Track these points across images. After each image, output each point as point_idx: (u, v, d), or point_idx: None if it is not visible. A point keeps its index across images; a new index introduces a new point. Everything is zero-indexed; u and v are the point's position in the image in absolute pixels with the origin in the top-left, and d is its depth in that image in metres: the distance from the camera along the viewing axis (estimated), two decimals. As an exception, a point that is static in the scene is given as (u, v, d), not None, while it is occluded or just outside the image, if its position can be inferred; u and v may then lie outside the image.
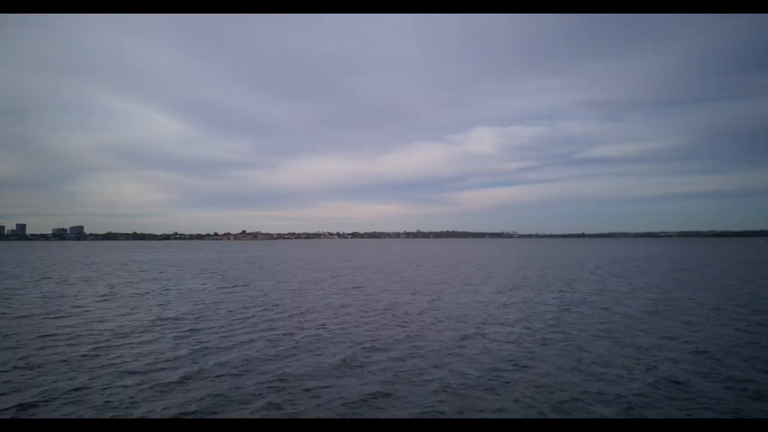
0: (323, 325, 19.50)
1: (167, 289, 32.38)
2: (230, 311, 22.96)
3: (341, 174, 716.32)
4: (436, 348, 15.63)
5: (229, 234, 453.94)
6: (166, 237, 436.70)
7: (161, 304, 25.26)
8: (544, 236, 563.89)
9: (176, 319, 20.79)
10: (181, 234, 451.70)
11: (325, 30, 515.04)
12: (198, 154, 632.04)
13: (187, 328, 18.80)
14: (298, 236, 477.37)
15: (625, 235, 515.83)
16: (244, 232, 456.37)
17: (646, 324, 19.34)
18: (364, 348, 15.65)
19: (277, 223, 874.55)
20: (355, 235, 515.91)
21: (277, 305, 24.80)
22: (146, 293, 30.29)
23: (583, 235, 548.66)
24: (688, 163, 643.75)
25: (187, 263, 63.82)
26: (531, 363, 13.77)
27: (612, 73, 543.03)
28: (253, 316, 21.61)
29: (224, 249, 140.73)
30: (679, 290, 30.36)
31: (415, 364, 13.75)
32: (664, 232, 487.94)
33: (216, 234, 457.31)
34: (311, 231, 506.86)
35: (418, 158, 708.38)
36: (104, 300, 27.12)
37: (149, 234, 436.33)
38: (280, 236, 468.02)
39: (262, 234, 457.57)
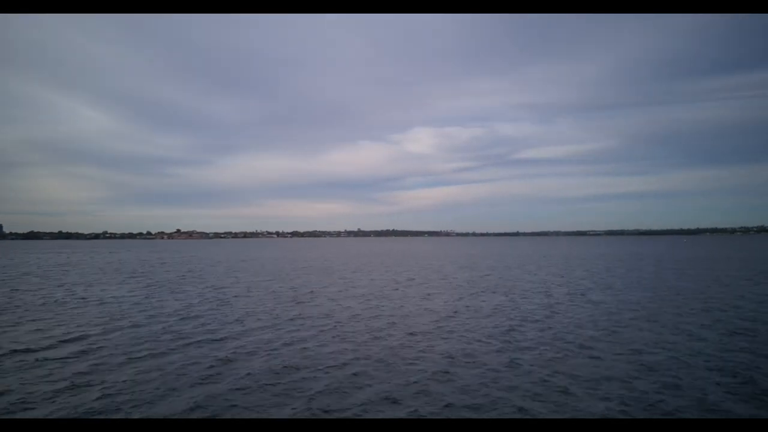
0: (266, 343, 16.04)
1: (80, 298, 27.64)
2: (150, 332, 18.99)
3: (281, 172, 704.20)
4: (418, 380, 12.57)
5: (162, 233, 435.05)
6: (95, 236, 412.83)
7: (65, 319, 20.81)
8: (481, 235, 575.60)
9: (79, 339, 16.67)
10: (111, 233, 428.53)
11: (267, 27, 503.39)
12: (130, 150, 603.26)
13: (87, 361, 14.81)
14: (235, 235, 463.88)
15: (557, 233, 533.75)
16: (178, 231, 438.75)
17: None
18: (325, 386, 12.35)
19: (214, 221, 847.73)
20: (295, 234, 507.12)
21: (207, 319, 20.99)
22: (51, 303, 25.55)
23: (517, 234, 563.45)
24: (615, 165, 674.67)
25: (110, 265, 57.81)
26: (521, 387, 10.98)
27: (545, 77, 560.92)
28: (176, 333, 17.78)
29: (156, 249, 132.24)
30: (642, 291, 28.75)
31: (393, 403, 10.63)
32: (593, 231, 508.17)
33: (149, 233, 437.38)
34: (249, 230, 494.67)
35: (360, 157, 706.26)
36: (-5, 313, 22.37)
37: (76, 233, 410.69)
38: (217, 235, 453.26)
39: (197, 233, 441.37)
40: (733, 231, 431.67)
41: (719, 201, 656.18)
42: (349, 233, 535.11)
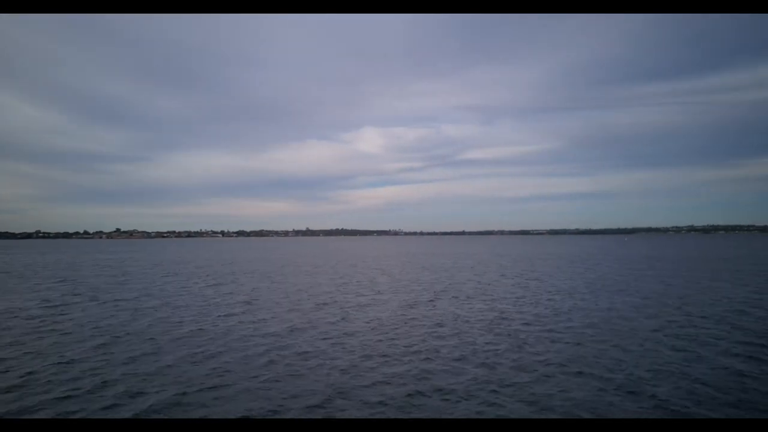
0: (205, 380, 11.98)
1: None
2: (59, 361, 14.50)
3: (228, 170, 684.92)
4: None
5: (101, 232, 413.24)
6: (27, 236, 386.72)
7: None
8: (428, 234, 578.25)
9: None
10: (45, 232, 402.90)
11: (213, 23, 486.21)
12: (65, 145, 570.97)
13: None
14: (179, 235, 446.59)
15: (501, 232, 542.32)
16: (118, 230, 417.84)
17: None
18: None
19: (156, 221, 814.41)
20: (240, 233, 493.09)
21: (131, 344, 16.60)
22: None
23: (463, 233, 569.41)
24: (556, 167, 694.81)
25: (30, 268, 51.09)
26: None
27: (489, 80, 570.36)
28: (84, 367, 13.42)
29: (92, 249, 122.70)
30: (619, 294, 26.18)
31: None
32: (536, 230, 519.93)
33: (86, 232, 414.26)
34: (194, 229, 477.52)
35: (309, 156, 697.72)
36: None
37: (6, 232, 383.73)
38: (159, 235, 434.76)
39: (138, 232, 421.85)
40: (666, 230, 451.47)
41: (653, 202, 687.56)
42: (297, 232, 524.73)
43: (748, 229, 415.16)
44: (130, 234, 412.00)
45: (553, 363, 13.01)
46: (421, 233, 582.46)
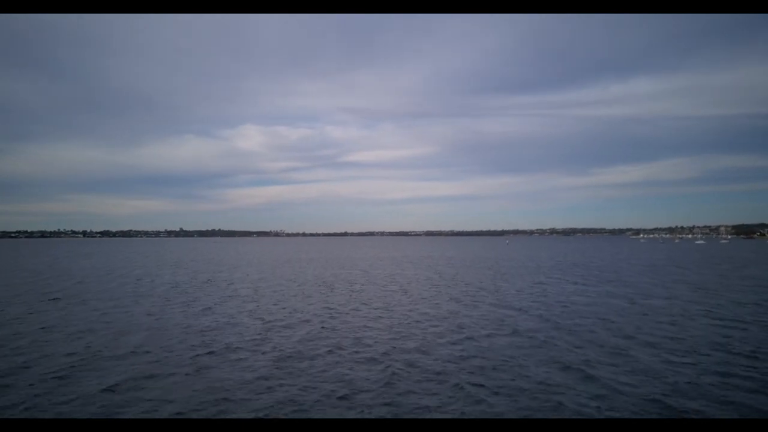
0: None
1: None
2: None
3: (93, 165, 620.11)
4: None
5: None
6: None
7: None
8: (311, 235, 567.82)
9: None
10: None
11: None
12: None
13: None
14: (30, 235, 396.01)
15: (382, 233, 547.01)
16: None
17: None
18: None
19: (2, 219, 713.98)
20: (105, 233, 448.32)
21: None
22: None
23: (345, 234, 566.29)
24: (433, 170, 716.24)
25: None
26: None
27: (372, 84, 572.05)
28: None
29: None
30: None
31: None
32: (414, 232, 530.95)
33: None
34: (50, 229, 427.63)
35: (183, 152, 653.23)
36: None
37: None
38: (6, 235, 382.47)
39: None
40: (531, 232, 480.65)
41: (518, 205, 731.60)
42: (169, 233, 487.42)
43: (600, 231, 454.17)
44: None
45: None
46: (304, 234, 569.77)
